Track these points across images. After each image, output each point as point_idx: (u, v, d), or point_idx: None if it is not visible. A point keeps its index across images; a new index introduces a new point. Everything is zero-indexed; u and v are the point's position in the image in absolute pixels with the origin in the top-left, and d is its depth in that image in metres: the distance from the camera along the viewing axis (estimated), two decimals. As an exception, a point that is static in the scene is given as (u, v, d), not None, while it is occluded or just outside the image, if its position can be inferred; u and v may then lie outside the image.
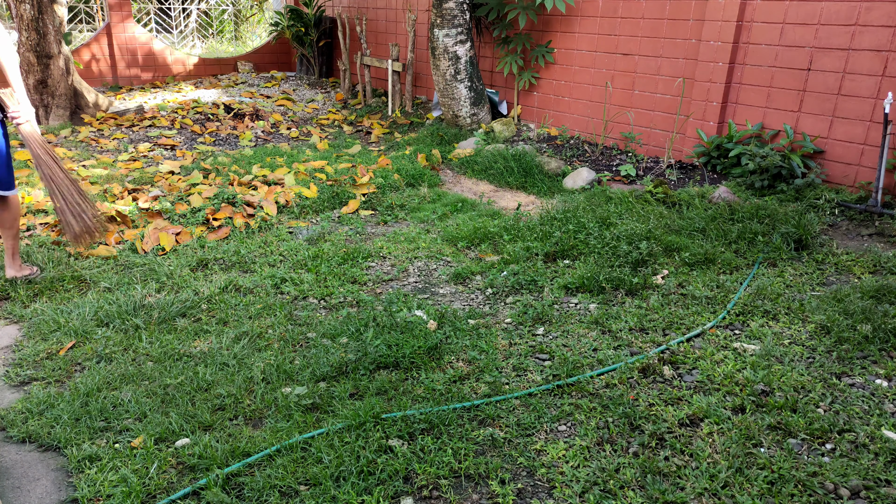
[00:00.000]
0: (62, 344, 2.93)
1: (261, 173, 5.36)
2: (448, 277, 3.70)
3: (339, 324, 3.07)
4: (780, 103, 4.95)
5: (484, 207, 4.89)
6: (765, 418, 2.34)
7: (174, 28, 11.26)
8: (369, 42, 9.29)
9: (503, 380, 2.64)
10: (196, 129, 7.47)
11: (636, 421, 2.36)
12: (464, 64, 6.64)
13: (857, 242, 3.99)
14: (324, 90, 9.76)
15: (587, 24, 6.21)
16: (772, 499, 2.00)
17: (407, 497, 2.04)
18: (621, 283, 3.43)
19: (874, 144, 4.47)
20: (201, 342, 2.97)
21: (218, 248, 3.99)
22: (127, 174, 5.55)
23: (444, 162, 6.19)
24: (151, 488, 2.07)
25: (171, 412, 2.42)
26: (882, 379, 2.60)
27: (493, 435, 2.30)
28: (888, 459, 2.13)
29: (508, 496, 2.03)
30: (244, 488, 2.07)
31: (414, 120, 7.77)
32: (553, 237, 4.00)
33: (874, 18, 4.36)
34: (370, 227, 4.59)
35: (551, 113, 6.82)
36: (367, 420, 2.33)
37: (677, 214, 4.32)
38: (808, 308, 3.14)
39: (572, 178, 5.34)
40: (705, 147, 5.32)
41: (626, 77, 5.98)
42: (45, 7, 6.96)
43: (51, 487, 2.12)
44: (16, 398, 2.58)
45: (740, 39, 5.09)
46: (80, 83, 7.72)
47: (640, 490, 2.05)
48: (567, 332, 3.04)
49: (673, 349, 2.84)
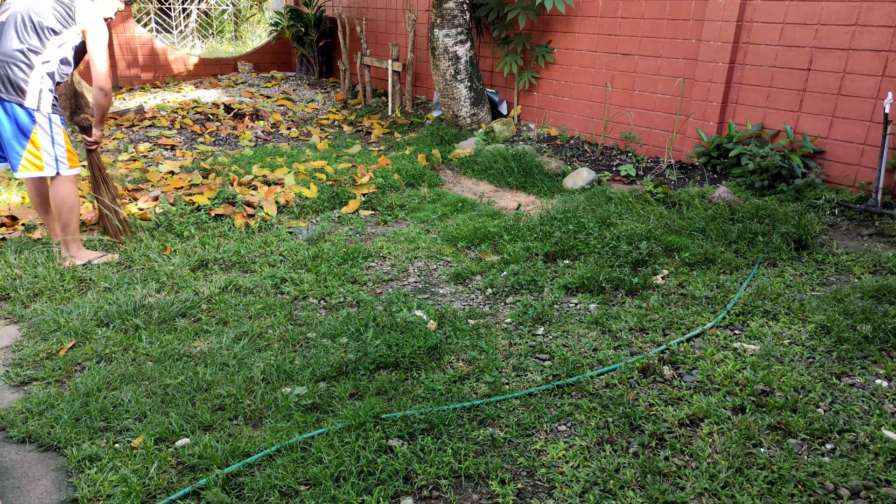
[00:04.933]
0: (62, 344, 2.93)
1: (261, 173, 5.36)
2: (448, 277, 3.70)
3: (339, 324, 3.07)
4: (780, 103, 4.95)
5: (484, 207, 4.89)
6: (765, 418, 2.34)
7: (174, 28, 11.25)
8: (369, 42, 9.29)
9: (503, 380, 2.64)
10: (196, 129, 7.47)
11: (636, 421, 2.36)
12: (464, 64, 6.64)
13: (857, 242, 3.99)
14: (324, 90, 9.77)
15: (587, 24, 6.21)
16: (772, 499, 2.00)
17: (407, 497, 2.04)
18: (621, 283, 3.43)
19: (874, 144, 4.47)
20: (201, 342, 2.97)
21: (218, 249, 3.99)
22: (127, 174, 5.55)
23: (444, 162, 6.19)
24: (151, 488, 2.07)
25: (171, 412, 2.42)
26: (882, 379, 2.60)
27: (493, 435, 2.30)
28: (888, 459, 2.13)
29: (508, 496, 2.03)
30: (244, 488, 2.07)
31: (414, 120, 7.77)
32: (553, 237, 4.00)
33: (874, 18, 4.36)
34: (370, 227, 4.59)
35: (551, 113, 6.82)
36: (367, 420, 2.33)
37: (677, 214, 4.32)
38: (808, 308, 3.14)
39: (572, 178, 5.34)
40: (705, 147, 5.32)
41: (626, 77, 5.98)
42: (45, 7, 6.95)
43: (51, 487, 2.12)
44: (16, 398, 2.58)
45: (740, 39, 5.09)
46: (79, 83, 7.71)
47: (640, 490, 2.05)
48: (567, 332, 3.04)
49: (673, 349, 2.84)
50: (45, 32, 3.47)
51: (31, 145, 3.52)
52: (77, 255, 3.78)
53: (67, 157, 3.65)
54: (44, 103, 3.52)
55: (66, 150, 3.64)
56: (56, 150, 3.59)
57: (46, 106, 3.53)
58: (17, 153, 3.52)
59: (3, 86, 3.42)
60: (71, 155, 3.68)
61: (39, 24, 3.46)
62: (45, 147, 3.55)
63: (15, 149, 3.51)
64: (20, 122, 3.48)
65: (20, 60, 3.43)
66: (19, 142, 3.50)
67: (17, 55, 3.42)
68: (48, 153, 3.56)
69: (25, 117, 3.48)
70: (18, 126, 3.49)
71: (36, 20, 3.45)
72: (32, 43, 3.45)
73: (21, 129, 3.49)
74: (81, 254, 3.80)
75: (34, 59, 3.46)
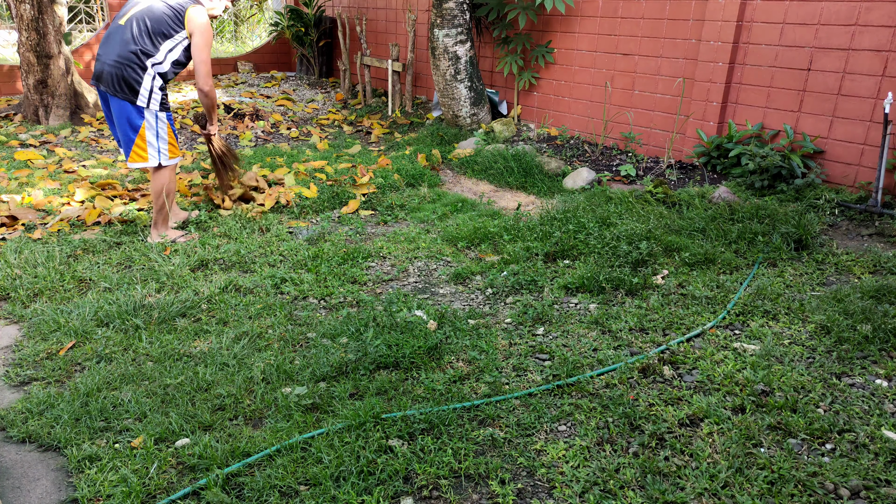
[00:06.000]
0: (62, 344, 2.93)
1: (261, 173, 5.36)
2: (448, 277, 3.70)
3: (339, 324, 3.07)
4: (780, 103, 4.95)
5: (484, 207, 4.89)
6: (765, 418, 2.34)
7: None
8: (369, 42, 9.28)
9: (503, 380, 2.64)
10: (196, 129, 7.47)
11: (636, 421, 2.36)
12: (464, 64, 6.64)
13: (857, 242, 3.99)
14: (324, 90, 9.76)
15: (587, 24, 6.21)
16: (772, 499, 2.00)
17: (407, 497, 2.04)
18: (621, 283, 3.43)
19: (874, 144, 4.47)
20: (201, 342, 2.97)
21: (218, 249, 3.99)
22: (127, 174, 5.55)
23: (444, 162, 6.19)
24: (151, 488, 2.07)
25: (171, 412, 2.42)
26: (882, 379, 2.60)
27: (493, 435, 2.30)
28: (888, 459, 2.13)
29: (508, 496, 2.03)
30: (244, 488, 2.07)
31: (414, 120, 7.76)
32: (553, 237, 4.00)
33: (874, 18, 4.36)
34: (370, 227, 4.59)
35: (551, 113, 6.82)
36: (367, 420, 2.33)
37: (677, 214, 4.32)
38: (808, 308, 3.14)
39: (572, 178, 5.34)
40: (705, 147, 5.32)
41: (626, 77, 5.98)
42: (45, 7, 6.96)
43: (51, 487, 2.12)
44: (16, 398, 2.58)
45: (740, 39, 5.09)
46: (80, 83, 7.71)
47: (640, 490, 2.05)
48: (567, 332, 3.04)
49: (673, 349, 2.84)
50: (158, 37, 3.81)
51: (139, 139, 3.89)
52: (168, 234, 4.18)
53: (169, 150, 4.00)
54: (153, 101, 3.86)
55: (169, 143, 3.99)
56: (159, 143, 3.94)
57: (155, 104, 3.87)
58: (128, 145, 3.91)
59: (119, 85, 3.76)
60: (172, 148, 4.03)
61: (153, 28, 3.79)
62: (150, 141, 3.91)
63: (125, 141, 3.91)
64: (131, 119, 3.84)
65: (134, 63, 3.76)
66: (130, 135, 3.88)
67: (132, 57, 3.75)
68: (152, 146, 3.93)
69: (136, 114, 3.84)
70: (129, 122, 3.85)
71: (150, 25, 3.78)
72: (146, 46, 3.78)
73: (131, 124, 3.86)
74: (171, 234, 4.19)
75: (147, 62, 3.79)
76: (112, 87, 3.77)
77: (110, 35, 3.85)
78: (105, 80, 3.79)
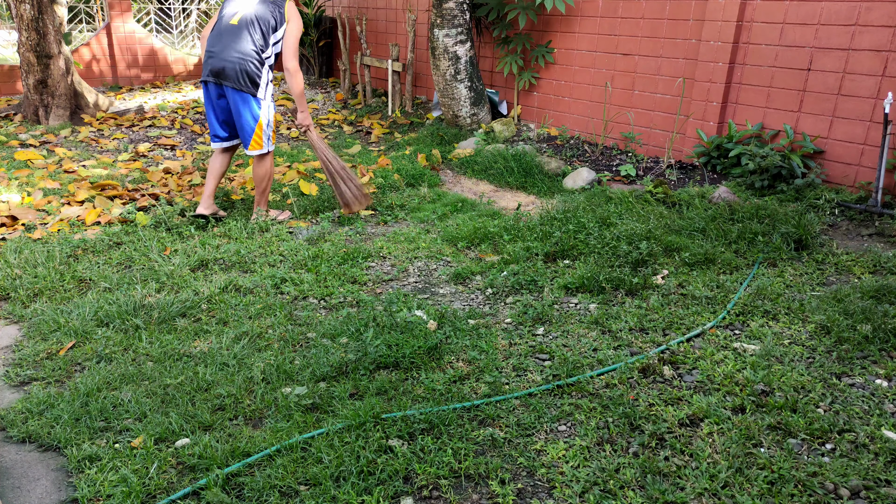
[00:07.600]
0: (62, 344, 2.93)
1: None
2: (448, 277, 3.70)
3: (339, 324, 3.07)
4: (780, 103, 4.95)
5: (484, 207, 4.89)
6: (765, 418, 2.34)
7: (174, 28, 11.26)
8: (369, 42, 9.28)
9: (503, 380, 2.64)
10: (196, 129, 7.47)
11: (636, 421, 2.36)
12: (464, 64, 6.64)
13: (857, 242, 3.99)
14: (324, 90, 9.77)
15: (587, 24, 6.21)
16: (772, 499, 2.00)
17: (407, 497, 2.04)
18: (621, 283, 3.43)
19: (874, 144, 4.47)
20: (201, 342, 2.97)
21: (218, 249, 3.99)
22: (127, 174, 5.55)
23: (444, 162, 6.19)
24: (151, 488, 2.07)
25: (171, 412, 2.42)
26: (882, 379, 2.60)
27: (493, 435, 2.30)
28: (888, 459, 2.13)
29: (508, 496, 2.03)
30: (244, 488, 2.07)
31: (414, 120, 7.76)
32: (553, 237, 4.00)
33: (874, 18, 4.36)
34: (370, 227, 4.59)
35: (551, 113, 6.82)
36: (367, 420, 2.33)
37: (677, 214, 4.32)
38: (808, 308, 3.14)
39: (572, 178, 5.34)
40: (705, 147, 5.32)
41: (626, 77, 5.98)
42: (45, 7, 6.96)
43: (51, 487, 2.12)
44: (16, 398, 2.58)
45: (740, 39, 5.09)
46: (80, 83, 7.72)
47: (640, 490, 2.05)
48: (567, 332, 3.04)
49: (673, 349, 2.84)
50: (269, 33, 4.17)
51: (258, 128, 4.22)
52: (271, 213, 4.52)
53: (273, 136, 4.36)
54: (268, 93, 4.24)
55: (273, 130, 4.35)
56: (268, 130, 4.29)
57: (269, 95, 4.25)
58: (248, 135, 4.21)
59: (241, 80, 4.08)
60: (274, 134, 4.41)
61: (265, 26, 4.14)
62: (265, 129, 4.26)
63: (247, 131, 4.20)
64: (252, 110, 4.17)
65: (254, 59, 4.10)
66: (252, 125, 4.19)
67: (252, 54, 4.09)
68: (266, 134, 4.28)
69: (256, 105, 4.18)
70: (251, 113, 4.17)
71: (262, 23, 4.13)
72: (260, 43, 4.13)
73: (253, 115, 4.19)
74: (271, 213, 4.53)
75: (263, 56, 4.15)
76: (237, 82, 4.07)
77: (222, 34, 4.13)
78: (228, 75, 4.07)
